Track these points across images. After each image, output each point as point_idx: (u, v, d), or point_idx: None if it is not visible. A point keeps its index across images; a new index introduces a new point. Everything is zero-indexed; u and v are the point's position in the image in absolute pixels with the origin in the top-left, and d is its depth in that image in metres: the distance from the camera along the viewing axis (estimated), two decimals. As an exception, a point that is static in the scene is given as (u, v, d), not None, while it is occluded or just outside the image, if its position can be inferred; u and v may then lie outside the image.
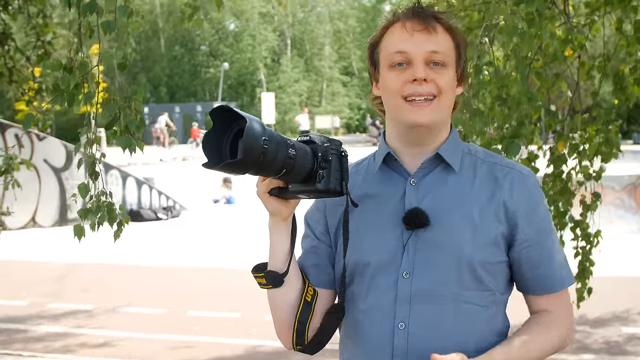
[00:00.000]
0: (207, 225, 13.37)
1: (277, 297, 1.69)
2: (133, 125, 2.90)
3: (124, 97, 2.90)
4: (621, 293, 7.31)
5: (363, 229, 1.68)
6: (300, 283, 1.69)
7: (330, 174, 1.55)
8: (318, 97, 49.02)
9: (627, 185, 11.62)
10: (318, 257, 1.75)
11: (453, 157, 1.67)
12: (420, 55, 1.60)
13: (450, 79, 1.63)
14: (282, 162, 1.46)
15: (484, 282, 1.62)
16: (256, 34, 47.05)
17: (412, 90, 1.60)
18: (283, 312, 1.69)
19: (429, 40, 1.60)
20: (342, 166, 1.58)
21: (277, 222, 1.64)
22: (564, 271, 1.70)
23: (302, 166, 1.52)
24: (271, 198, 1.59)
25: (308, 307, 1.67)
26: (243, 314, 6.93)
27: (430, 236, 1.61)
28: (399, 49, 1.61)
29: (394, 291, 1.62)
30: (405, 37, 1.61)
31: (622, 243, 9.54)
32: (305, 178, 1.54)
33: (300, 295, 1.68)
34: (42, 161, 13.00)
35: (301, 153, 1.51)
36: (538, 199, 1.68)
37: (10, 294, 8.03)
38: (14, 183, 4.80)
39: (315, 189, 1.55)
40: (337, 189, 1.57)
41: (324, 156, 1.54)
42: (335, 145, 1.57)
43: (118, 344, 6.18)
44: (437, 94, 1.60)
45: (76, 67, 2.89)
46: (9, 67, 6.47)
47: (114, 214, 3.13)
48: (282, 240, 1.65)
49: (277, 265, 1.65)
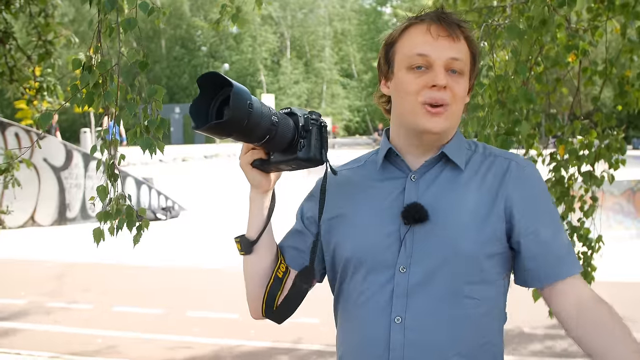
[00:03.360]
0: (206, 226, 13.37)
1: (247, 265, 1.75)
2: (154, 125, 2.85)
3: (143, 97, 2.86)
4: (620, 298, 7.30)
5: (361, 223, 1.68)
6: (272, 257, 1.74)
7: (310, 143, 1.60)
8: (318, 99, 49.06)
9: (626, 190, 11.63)
10: (299, 241, 1.77)
11: (458, 155, 1.68)
12: (441, 60, 1.59)
13: (465, 88, 1.64)
14: (266, 127, 1.52)
15: (483, 277, 1.62)
16: (256, 35, 47.10)
17: (431, 96, 1.59)
18: (252, 281, 1.75)
19: (452, 48, 1.60)
20: (321, 135, 1.63)
21: (258, 193, 1.70)
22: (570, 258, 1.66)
23: (284, 134, 1.57)
24: (253, 170, 1.65)
25: (279, 282, 1.72)
26: (241, 314, 6.93)
27: (428, 231, 1.61)
28: (421, 51, 1.61)
29: (390, 285, 1.62)
30: (428, 40, 1.61)
31: (621, 248, 9.54)
32: (286, 147, 1.60)
33: (271, 268, 1.73)
34: (41, 160, 13.00)
35: (283, 121, 1.57)
36: (537, 188, 1.67)
37: (8, 292, 8.03)
38: (14, 182, 4.80)
39: (296, 157, 1.60)
40: (317, 157, 1.62)
41: (304, 126, 1.60)
42: (316, 116, 1.63)
43: (116, 344, 6.18)
44: (451, 102, 1.61)
45: (95, 66, 2.85)
46: (10, 66, 6.47)
47: (134, 217, 3.06)
48: (259, 212, 1.71)
49: (251, 234, 1.72)
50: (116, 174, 3.02)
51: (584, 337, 1.59)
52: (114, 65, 2.88)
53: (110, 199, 3.03)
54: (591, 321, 1.59)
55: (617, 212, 11.37)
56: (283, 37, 50.10)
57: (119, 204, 3.04)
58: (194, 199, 16.41)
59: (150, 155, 2.88)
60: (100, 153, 2.99)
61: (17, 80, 6.49)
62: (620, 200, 11.56)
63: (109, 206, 3.03)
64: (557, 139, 4.02)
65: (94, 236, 3.03)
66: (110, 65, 2.85)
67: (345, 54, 52.25)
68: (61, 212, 13.55)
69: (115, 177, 3.03)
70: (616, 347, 1.56)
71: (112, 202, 3.03)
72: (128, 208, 3.06)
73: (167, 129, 2.90)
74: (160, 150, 2.85)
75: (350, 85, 51.22)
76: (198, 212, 15.29)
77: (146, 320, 6.92)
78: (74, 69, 2.88)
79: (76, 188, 13.60)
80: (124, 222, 3.05)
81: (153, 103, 2.85)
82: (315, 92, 48.78)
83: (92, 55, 2.89)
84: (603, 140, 4.01)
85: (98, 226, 3.04)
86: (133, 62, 2.86)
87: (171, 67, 47.29)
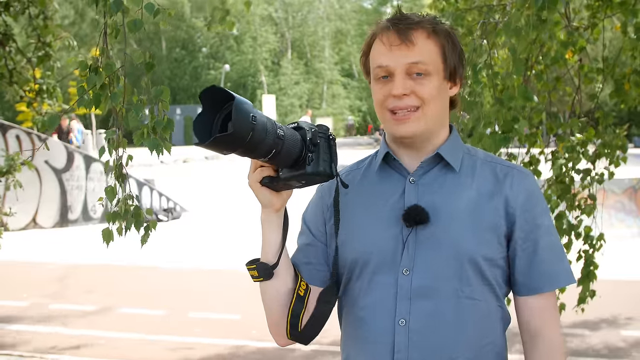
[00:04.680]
0: (207, 227, 13.37)
1: (268, 289, 1.70)
2: (160, 126, 2.85)
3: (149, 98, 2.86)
4: (621, 297, 7.31)
5: (363, 226, 1.69)
6: (292, 277, 1.71)
7: (319, 157, 1.56)
8: (319, 99, 49.08)
9: (628, 188, 11.61)
10: (311, 254, 1.76)
11: (453, 156, 1.69)
12: (399, 68, 1.62)
13: (435, 87, 1.64)
14: (272, 141, 1.47)
15: (485, 278, 1.63)
16: (257, 36, 47.11)
17: (394, 105, 1.63)
18: (274, 305, 1.71)
19: (407, 54, 1.62)
20: (330, 149, 1.59)
21: (269, 214, 1.65)
22: (563, 268, 1.70)
23: (291, 148, 1.52)
24: (263, 188, 1.60)
25: (301, 301, 1.68)
26: (243, 315, 6.94)
27: (430, 233, 1.62)
28: (379, 63, 1.65)
29: (394, 288, 1.63)
30: (384, 51, 1.64)
31: (623, 246, 9.54)
32: (294, 162, 1.55)
33: (291, 288, 1.70)
34: (43, 162, 13.00)
35: (290, 135, 1.52)
36: (537, 198, 1.69)
37: (10, 294, 8.03)
38: (16, 184, 4.80)
39: (305, 172, 1.55)
40: (326, 171, 1.57)
41: (312, 140, 1.55)
42: (323, 129, 1.59)
43: (118, 345, 6.18)
44: (420, 104, 1.62)
45: (102, 68, 2.85)
46: (10, 69, 6.47)
47: (141, 218, 3.06)
48: (274, 233, 1.66)
49: (268, 258, 1.66)
50: (124, 174, 3.03)
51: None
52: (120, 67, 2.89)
53: (119, 200, 3.04)
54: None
55: (618, 210, 11.35)
56: (284, 37, 50.12)
57: (126, 205, 3.04)
58: (195, 200, 16.41)
59: (158, 156, 2.89)
60: (109, 154, 2.99)
61: (17, 82, 6.49)
62: (622, 198, 11.55)
63: (117, 207, 3.03)
64: (558, 137, 4.02)
65: (104, 237, 3.03)
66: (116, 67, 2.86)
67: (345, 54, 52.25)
68: (63, 214, 13.56)
69: (123, 177, 3.04)
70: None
71: (120, 203, 3.04)
72: (136, 208, 3.06)
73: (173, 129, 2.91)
74: (167, 150, 2.87)
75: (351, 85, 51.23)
76: (199, 213, 15.29)
77: (148, 321, 6.92)
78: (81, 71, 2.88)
79: (77, 190, 13.60)
80: (132, 223, 3.05)
81: (159, 104, 2.85)
82: (316, 92, 48.78)
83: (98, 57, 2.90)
84: (604, 138, 4.01)
85: (107, 227, 3.04)
86: (140, 63, 2.86)
87: (172, 69, 47.28)
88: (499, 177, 1.68)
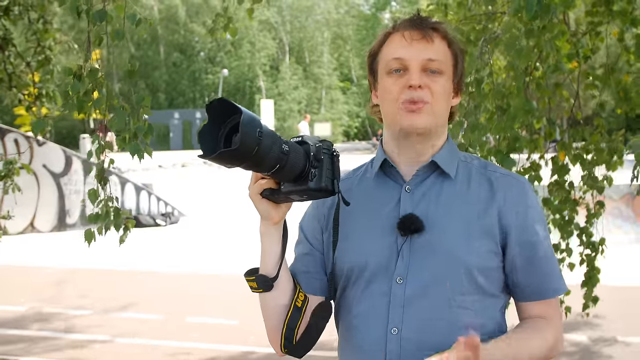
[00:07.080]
0: (205, 232, 13.37)
1: (268, 301, 1.70)
2: (142, 131, 2.94)
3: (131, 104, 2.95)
4: (619, 302, 7.31)
5: (358, 234, 1.69)
6: (291, 288, 1.70)
7: (322, 173, 1.55)
8: (317, 104, 49.12)
9: (625, 194, 11.62)
10: (310, 263, 1.76)
11: (449, 164, 1.69)
12: (416, 62, 1.64)
13: (445, 87, 1.67)
14: (276, 156, 1.46)
15: (480, 287, 1.63)
16: (255, 41, 47.16)
17: (409, 96, 1.63)
18: (274, 316, 1.70)
19: (426, 49, 1.65)
20: (333, 165, 1.58)
21: (268, 226, 1.64)
22: (556, 278, 1.71)
23: (295, 164, 1.51)
24: (263, 200, 1.60)
25: (298, 312, 1.68)
26: (241, 320, 6.93)
27: (424, 242, 1.63)
28: (396, 55, 1.66)
29: (387, 296, 1.63)
30: (403, 44, 1.66)
31: (620, 252, 9.54)
32: (297, 177, 1.54)
33: (291, 300, 1.69)
34: (41, 166, 12.99)
35: (294, 150, 1.51)
36: (532, 205, 1.69)
37: (8, 299, 8.02)
38: (14, 187, 4.79)
39: (308, 187, 1.54)
40: (329, 187, 1.56)
41: (316, 156, 1.54)
42: (327, 145, 1.58)
43: (116, 350, 6.17)
44: (431, 100, 1.64)
45: (86, 74, 2.92)
46: (9, 73, 6.48)
47: (120, 219, 3.17)
48: (273, 245, 1.65)
49: (268, 270, 1.66)
50: (106, 177, 3.13)
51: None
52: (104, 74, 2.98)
53: (100, 201, 3.14)
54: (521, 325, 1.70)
55: (616, 216, 11.37)
56: (282, 42, 50.17)
57: (107, 207, 3.15)
58: (193, 204, 16.41)
59: (139, 160, 3.00)
60: (97, 158, 3.11)
61: (16, 86, 6.50)
62: (619, 204, 11.56)
63: (99, 208, 3.14)
64: (557, 143, 4.03)
65: (85, 237, 3.16)
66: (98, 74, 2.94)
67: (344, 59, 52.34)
68: (61, 218, 13.54)
69: (105, 180, 3.14)
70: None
71: (102, 204, 3.14)
72: (115, 209, 3.19)
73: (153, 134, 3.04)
74: (148, 155, 2.98)
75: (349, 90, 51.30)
76: (198, 218, 15.29)
77: (146, 326, 6.91)
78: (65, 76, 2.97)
79: (76, 194, 13.59)
80: (111, 223, 3.17)
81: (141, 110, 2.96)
82: (314, 97, 48.82)
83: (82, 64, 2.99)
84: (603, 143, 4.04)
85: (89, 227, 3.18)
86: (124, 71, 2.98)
87: (170, 73, 47.30)
88: (494, 186, 1.68)
